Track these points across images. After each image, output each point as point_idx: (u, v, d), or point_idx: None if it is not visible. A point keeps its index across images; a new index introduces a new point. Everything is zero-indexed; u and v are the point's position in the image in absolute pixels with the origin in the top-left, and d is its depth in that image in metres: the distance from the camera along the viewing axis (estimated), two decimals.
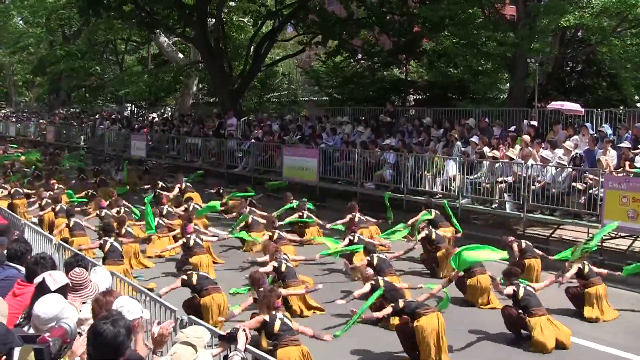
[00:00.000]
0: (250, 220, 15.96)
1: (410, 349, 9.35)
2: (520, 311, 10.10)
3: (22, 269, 6.66)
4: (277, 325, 8.29)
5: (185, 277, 10.60)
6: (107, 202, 17.70)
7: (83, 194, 20.30)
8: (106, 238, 13.09)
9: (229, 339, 5.73)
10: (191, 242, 13.59)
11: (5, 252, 7.27)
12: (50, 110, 51.83)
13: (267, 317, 8.36)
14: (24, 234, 11.40)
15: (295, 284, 11.20)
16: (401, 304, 9.39)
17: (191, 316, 7.06)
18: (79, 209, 17.85)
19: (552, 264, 13.02)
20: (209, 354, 5.44)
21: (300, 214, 16.83)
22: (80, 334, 4.77)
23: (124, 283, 8.46)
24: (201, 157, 27.61)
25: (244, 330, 5.79)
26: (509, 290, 10.15)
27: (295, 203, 17.18)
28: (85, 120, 42.65)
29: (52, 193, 18.87)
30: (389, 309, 9.50)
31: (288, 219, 16.76)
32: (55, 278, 5.59)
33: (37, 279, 5.65)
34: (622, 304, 11.96)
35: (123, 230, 14.38)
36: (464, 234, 14.66)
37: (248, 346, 5.80)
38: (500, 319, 10.35)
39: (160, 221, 16.04)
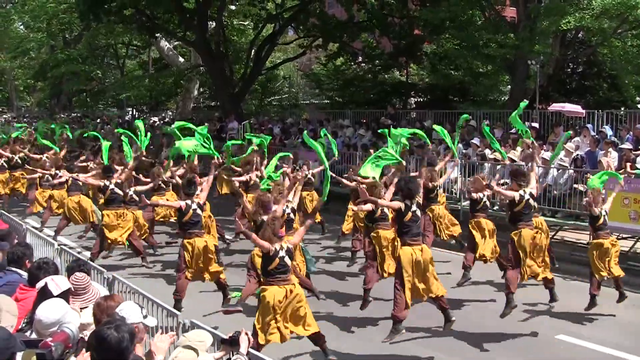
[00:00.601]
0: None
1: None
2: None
3: (24, 274, 6.66)
4: (275, 262, 8.28)
5: (185, 205, 10.67)
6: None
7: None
8: (107, 183, 13.37)
9: (231, 343, 5.72)
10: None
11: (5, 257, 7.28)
12: (52, 114, 51.80)
13: (270, 251, 8.31)
14: (25, 238, 11.39)
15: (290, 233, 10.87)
16: (410, 215, 9.28)
17: (193, 320, 7.06)
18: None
19: None
20: (211, 357, 5.44)
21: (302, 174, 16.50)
22: (84, 339, 4.76)
23: (126, 286, 8.46)
24: (202, 161, 27.53)
25: (246, 333, 5.78)
26: (511, 194, 10.25)
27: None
28: (86, 124, 42.62)
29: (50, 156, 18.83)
30: (396, 203, 9.44)
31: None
32: (57, 283, 5.59)
33: (40, 284, 5.65)
34: (623, 304, 11.96)
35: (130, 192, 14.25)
36: (463, 236, 14.64)
37: (250, 350, 5.79)
38: (486, 320, 10.40)
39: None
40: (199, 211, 10.87)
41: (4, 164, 20.64)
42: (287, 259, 8.38)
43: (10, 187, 20.42)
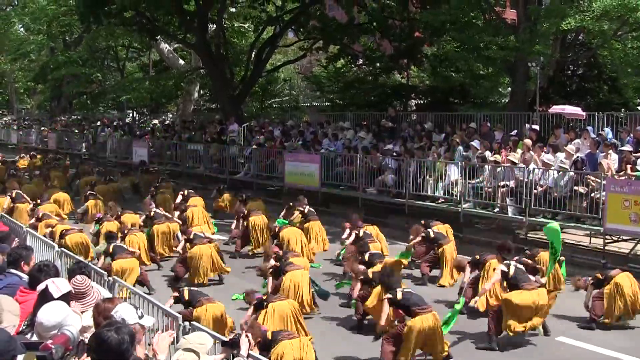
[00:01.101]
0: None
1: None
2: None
3: (24, 276, 6.65)
4: (269, 334, 8.12)
5: (177, 294, 10.33)
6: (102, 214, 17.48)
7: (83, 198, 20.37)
8: (111, 242, 13.08)
9: (232, 345, 5.73)
10: (191, 235, 13.91)
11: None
12: (52, 117, 51.83)
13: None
14: (25, 241, 11.39)
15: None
16: (399, 294, 9.04)
17: (194, 322, 7.06)
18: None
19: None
20: (211, 359, 5.45)
21: (301, 209, 16.62)
22: (84, 342, 4.76)
23: (127, 290, 8.47)
24: (203, 164, 27.59)
25: (247, 335, 5.79)
26: (497, 277, 10.23)
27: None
28: (86, 127, 42.65)
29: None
30: (386, 304, 9.13)
31: (292, 218, 16.53)
32: (58, 285, 5.58)
33: (40, 287, 5.64)
34: None
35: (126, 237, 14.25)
36: (466, 238, 14.64)
37: (251, 352, 5.80)
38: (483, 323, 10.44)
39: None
40: (193, 289, 10.54)
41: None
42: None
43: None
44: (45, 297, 5.42)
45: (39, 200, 18.69)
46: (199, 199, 19.41)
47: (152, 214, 16.14)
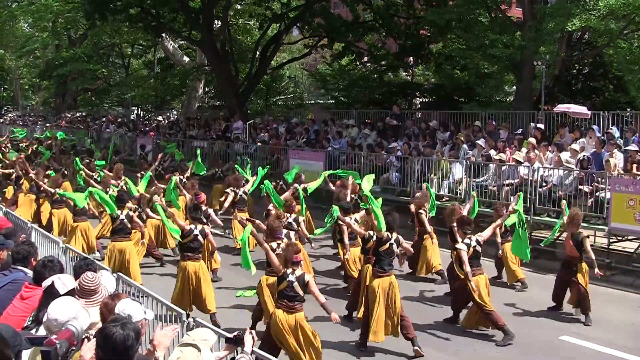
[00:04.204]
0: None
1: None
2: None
3: (29, 272, 6.65)
4: (282, 285, 8.41)
5: (188, 229, 10.78)
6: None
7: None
8: (119, 213, 12.99)
9: (235, 341, 5.71)
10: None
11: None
12: (57, 113, 51.88)
13: (279, 272, 8.54)
14: (30, 237, 11.39)
15: None
16: (386, 246, 9.55)
17: (197, 318, 7.05)
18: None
19: None
20: (214, 356, 5.43)
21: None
22: (89, 338, 4.76)
23: (129, 285, 8.46)
24: (207, 160, 27.53)
25: (250, 332, 5.78)
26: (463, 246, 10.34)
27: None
28: (91, 123, 42.69)
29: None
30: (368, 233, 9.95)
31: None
32: (64, 282, 5.59)
33: (46, 283, 5.64)
34: (628, 305, 11.96)
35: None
36: None
37: (255, 349, 5.78)
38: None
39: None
40: (200, 237, 10.89)
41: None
42: (295, 285, 8.33)
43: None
44: (52, 293, 5.43)
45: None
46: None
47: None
